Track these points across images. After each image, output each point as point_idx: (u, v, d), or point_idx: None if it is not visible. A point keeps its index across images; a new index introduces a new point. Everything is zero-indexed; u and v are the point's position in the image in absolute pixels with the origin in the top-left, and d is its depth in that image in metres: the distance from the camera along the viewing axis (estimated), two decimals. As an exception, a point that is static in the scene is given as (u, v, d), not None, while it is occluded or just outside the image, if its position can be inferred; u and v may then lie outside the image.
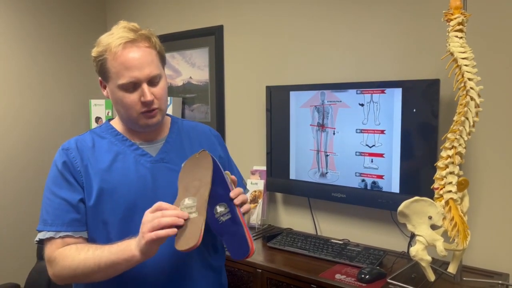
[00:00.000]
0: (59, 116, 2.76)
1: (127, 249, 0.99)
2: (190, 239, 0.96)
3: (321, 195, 1.91)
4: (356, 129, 1.77)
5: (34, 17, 2.62)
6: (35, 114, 2.64)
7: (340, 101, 1.81)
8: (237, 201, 1.02)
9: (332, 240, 1.82)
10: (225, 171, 1.07)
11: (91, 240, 1.10)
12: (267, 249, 1.81)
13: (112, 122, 1.20)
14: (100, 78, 1.13)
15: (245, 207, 1.04)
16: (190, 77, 2.53)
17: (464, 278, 1.49)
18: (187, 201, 1.01)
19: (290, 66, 2.10)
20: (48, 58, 2.70)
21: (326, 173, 1.88)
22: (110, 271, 1.02)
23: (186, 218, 0.98)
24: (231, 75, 2.35)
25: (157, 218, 0.95)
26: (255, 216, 2.08)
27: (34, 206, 2.60)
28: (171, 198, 1.01)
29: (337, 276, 1.51)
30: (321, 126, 1.87)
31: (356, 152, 1.78)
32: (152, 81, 1.09)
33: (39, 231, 1.09)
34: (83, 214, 1.09)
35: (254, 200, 2.11)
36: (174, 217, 0.95)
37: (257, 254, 1.75)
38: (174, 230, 0.95)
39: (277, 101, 2.01)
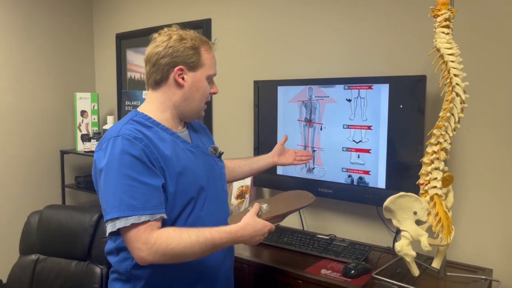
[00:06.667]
0: (43, 109, 2.72)
1: (236, 236, 1.16)
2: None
3: (308, 190, 1.90)
4: (343, 125, 1.77)
5: (19, 10, 2.56)
6: (19, 107, 2.59)
7: (328, 97, 1.80)
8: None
9: (318, 236, 1.82)
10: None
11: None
12: (253, 244, 1.81)
13: (145, 112, 1.22)
14: (181, 66, 1.21)
15: None
16: (178, 71, 2.50)
17: (448, 273, 1.51)
18: (265, 208, 1.29)
19: (278, 61, 2.09)
20: (32, 50, 2.65)
21: (313, 168, 1.87)
22: (209, 253, 1.15)
23: None
24: (219, 69, 2.29)
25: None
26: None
27: (16, 202, 2.56)
28: (212, 178, 1.27)
29: (323, 271, 1.51)
30: (309, 122, 1.87)
31: (343, 147, 1.78)
32: None
33: (127, 217, 1.06)
34: (164, 198, 1.15)
35: (241, 196, 2.10)
36: None
37: (243, 250, 1.75)
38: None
39: (265, 96, 2.00)
